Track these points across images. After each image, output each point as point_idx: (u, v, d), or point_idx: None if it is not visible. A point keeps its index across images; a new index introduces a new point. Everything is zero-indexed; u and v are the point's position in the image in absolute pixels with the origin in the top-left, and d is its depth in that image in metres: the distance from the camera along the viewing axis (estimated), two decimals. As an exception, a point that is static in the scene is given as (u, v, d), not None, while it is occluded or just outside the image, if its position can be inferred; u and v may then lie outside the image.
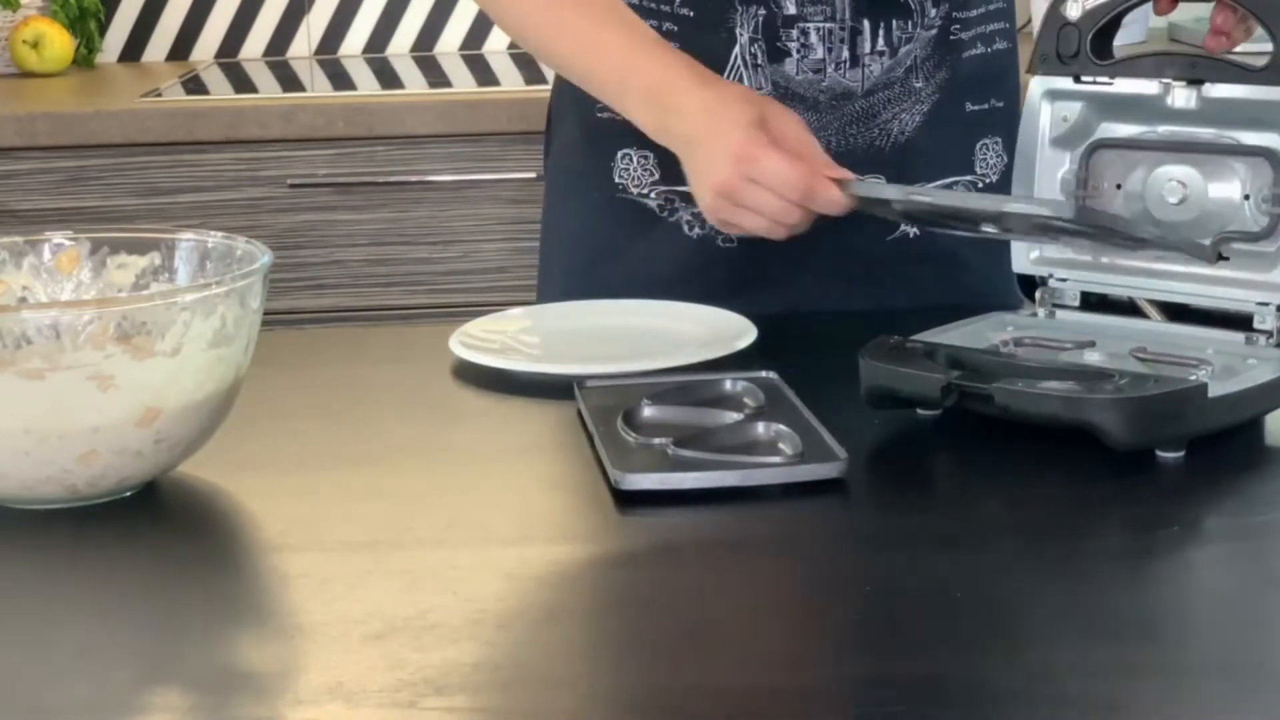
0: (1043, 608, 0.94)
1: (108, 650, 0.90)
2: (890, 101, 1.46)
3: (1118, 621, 0.90)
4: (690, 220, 1.49)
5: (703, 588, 0.96)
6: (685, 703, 0.84)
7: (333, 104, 2.56)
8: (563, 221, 1.57)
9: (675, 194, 1.48)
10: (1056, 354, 1.20)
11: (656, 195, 1.49)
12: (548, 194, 1.61)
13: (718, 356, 1.30)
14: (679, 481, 1.07)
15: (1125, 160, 1.27)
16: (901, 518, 1.06)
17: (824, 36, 1.43)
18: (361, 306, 2.58)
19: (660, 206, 1.49)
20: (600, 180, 1.52)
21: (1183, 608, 0.93)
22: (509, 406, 1.25)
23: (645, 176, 1.49)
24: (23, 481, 1.05)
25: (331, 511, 1.07)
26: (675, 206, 1.49)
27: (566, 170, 1.57)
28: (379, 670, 0.85)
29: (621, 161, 1.50)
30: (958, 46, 1.47)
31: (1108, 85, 1.27)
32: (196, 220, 2.50)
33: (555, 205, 1.59)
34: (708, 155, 1.30)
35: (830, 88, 1.44)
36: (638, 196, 1.50)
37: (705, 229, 1.48)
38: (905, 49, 1.45)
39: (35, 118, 2.52)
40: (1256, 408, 1.14)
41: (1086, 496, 1.06)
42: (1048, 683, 0.84)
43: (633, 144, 1.48)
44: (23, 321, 1.06)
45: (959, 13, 1.47)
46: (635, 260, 1.50)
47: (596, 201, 1.52)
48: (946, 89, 1.47)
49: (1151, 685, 0.84)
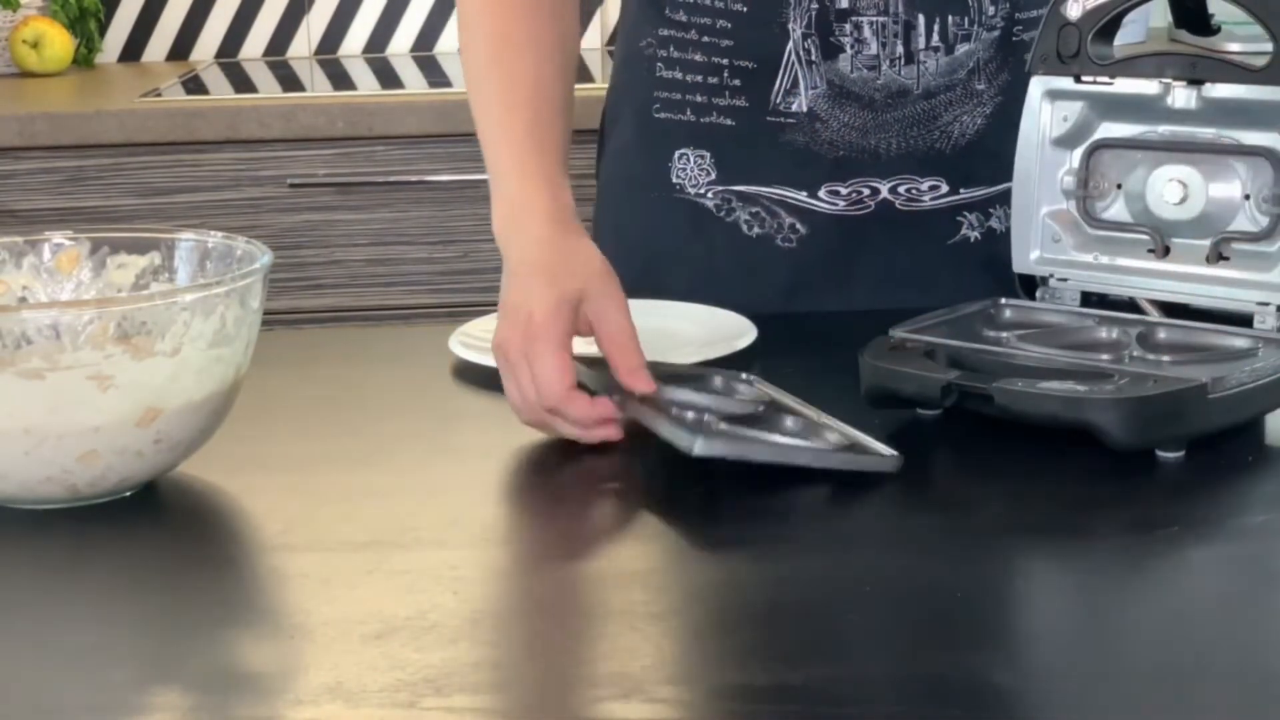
0: (1043, 608, 0.94)
1: (108, 650, 0.90)
2: (951, 104, 1.45)
3: (1118, 621, 0.90)
4: (748, 220, 1.48)
5: (703, 587, 0.96)
6: (687, 701, 0.83)
7: (333, 104, 2.56)
8: (619, 222, 1.57)
9: (732, 194, 1.48)
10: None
11: (714, 195, 1.49)
12: (601, 195, 1.60)
13: (718, 356, 1.30)
14: (753, 453, 1.07)
15: (1125, 160, 1.28)
16: (902, 518, 1.06)
17: (877, 31, 1.43)
18: (361, 306, 2.58)
19: (717, 206, 1.49)
20: (657, 180, 1.51)
21: (1183, 608, 0.93)
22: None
23: (702, 176, 1.49)
24: (23, 481, 1.05)
25: (331, 511, 1.07)
26: (733, 206, 1.48)
27: (622, 171, 1.56)
28: (379, 670, 0.85)
29: (679, 161, 1.50)
30: (1020, 48, 1.46)
31: (1108, 85, 1.27)
32: (196, 220, 2.50)
33: (610, 206, 1.58)
34: (514, 301, 1.21)
35: (885, 85, 1.44)
36: (695, 196, 1.50)
37: (764, 228, 1.48)
38: (965, 48, 1.44)
39: (35, 118, 2.52)
40: (1256, 408, 1.14)
41: (1086, 496, 1.06)
42: (1048, 683, 0.84)
43: (689, 144, 1.48)
44: (23, 321, 1.06)
45: (1020, 13, 1.46)
46: (693, 260, 1.50)
47: (654, 202, 1.52)
48: (1009, 92, 1.46)
49: (1151, 685, 0.84)
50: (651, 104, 1.49)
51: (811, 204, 1.46)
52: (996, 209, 1.49)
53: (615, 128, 1.57)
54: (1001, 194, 1.47)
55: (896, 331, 1.22)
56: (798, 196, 1.47)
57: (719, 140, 1.48)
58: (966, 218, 1.48)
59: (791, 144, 1.46)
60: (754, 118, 1.46)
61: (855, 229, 1.46)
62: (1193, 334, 1.21)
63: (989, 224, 1.49)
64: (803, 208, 1.46)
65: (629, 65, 1.54)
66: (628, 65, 1.54)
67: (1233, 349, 1.18)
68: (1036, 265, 1.30)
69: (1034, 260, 1.31)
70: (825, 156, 1.45)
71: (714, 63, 1.47)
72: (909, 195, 1.46)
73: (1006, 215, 1.51)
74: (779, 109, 1.44)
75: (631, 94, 1.51)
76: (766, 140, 1.46)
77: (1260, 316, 1.20)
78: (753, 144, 1.47)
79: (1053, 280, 1.30)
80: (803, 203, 1.46)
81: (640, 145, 1.53)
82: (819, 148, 1.45)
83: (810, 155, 1.45)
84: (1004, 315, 1.28)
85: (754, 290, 1.45)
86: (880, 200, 1.46)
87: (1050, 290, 1.30)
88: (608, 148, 1.59)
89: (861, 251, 1.44)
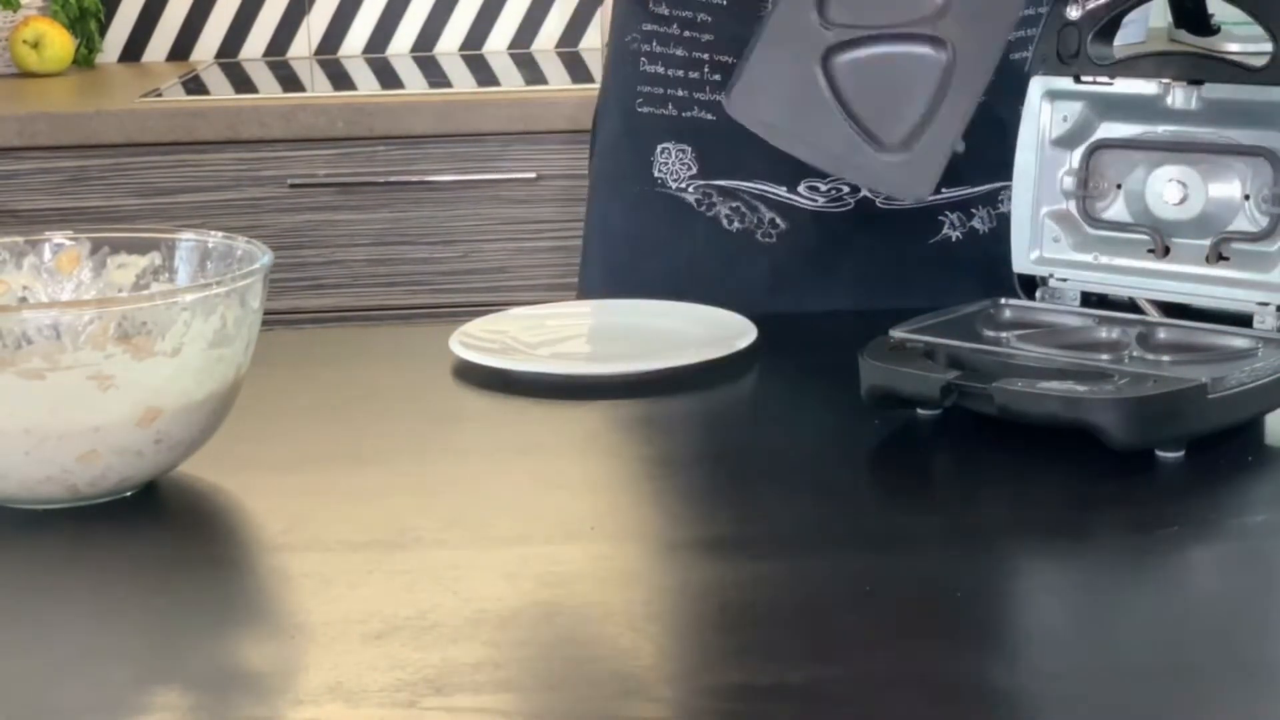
0: (1043, 608, 0.94)
1: (108, 650, 0.90)
2: None
3: (1118, 621, 0.90)
4: (729, 214, 1.48)
5: (703, 587, 0.96)
6: (686, 701, 0.84)
7: (333, 104, 2.56)
8: (604, 217, 1.57)
9: (713, 188, 1.48)
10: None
11: (695, 189, 1.49)
12: (591, 190, 1.61)
13: (718, 356, 1.30)
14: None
15: (1125, 160, 1.28)
16: (901, 518, 1.06)
17: None
18: (361, 306, 2.58)
19: (698, 200, 1.49)
20: (641, 175, 1.51)
21: (1183, 608, 0.93)
22: (509, 406, 1.25)
23: (684, 170, 1.49)
24: (23, 481, 1.05)
25: (331, 511, 1.07)
26: (713, 201, 1.48)
27: (609, 166, 1.57)
28: (379, 670, 0.85)
29: (661, 156, 1.50)
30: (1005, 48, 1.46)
31: (1108, 85, 1.27)
32: (197, 220, 2.50)
33: (598, 201, 1.59)
34: None
35: None
36: (676, 191, 1.50)
37: (744, 223, 1.48)
38: None
39: (36, 118, 2.52)
40: (1256, 408, 1.14)
41: (1086, 496, 1.06)
42: (1048, 683, 0.84)
43: (671, 138, 1.48)
44: (23, 321, 1.06)
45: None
46: (675, 255, 1.50)
47: (637, 196, 1.52)
48: (992, 91, 1.46)
49: (1151, 685, 0.84)
50: (635, 98, 1.50)
51: (791, 199, 1.46)
52: (979, 209, 1.49)
53: (604, 123, 1.58)
54: (984, 194, 1.47)
55: (896, 331, 1.22)
56: (777, 191, 1.46)
57: (700, 134, 1.48)
58: (948, 217, 1.48)
59: None
60: None
61: (835, 226, 1.46)
62: (1192, 334, 1.21)
63: (971, 224, 1.49)
64: (782, 203, 1.46)
65: (617, 61, 1.54)
66: (615, 61, 1.55)
67: (1232, 349, 1.18)
68: (1036, 265, 1.30)
69: (1034, 260, 1.31)
70: None
71: (694, 57, 1.47)
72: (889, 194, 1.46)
73: (989, 215, 1.51)
74: None
75: (618, 89, 1.51)
76: (746, 135, 1.46)
77: (1260, 316, 1.20)
78: (733, 138, 1.46)
79: (1052, 280, 1.30)
80: (782, 198, 1.46)
81: (625, 140, 1.53)
82: None
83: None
84: (1004, 315, 1.28)
85: (735, 285, 1.45)
86: (860, 198, 1.46)
87: (1050, 290, 1.30)
88: (597, 143, 1.59)
89: (842, 249, 1.44)
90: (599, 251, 1.58)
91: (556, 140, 2.53)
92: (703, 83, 1.46)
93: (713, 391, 1.28)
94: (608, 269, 1.56)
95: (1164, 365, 1.15)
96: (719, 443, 1.21)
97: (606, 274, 1.56)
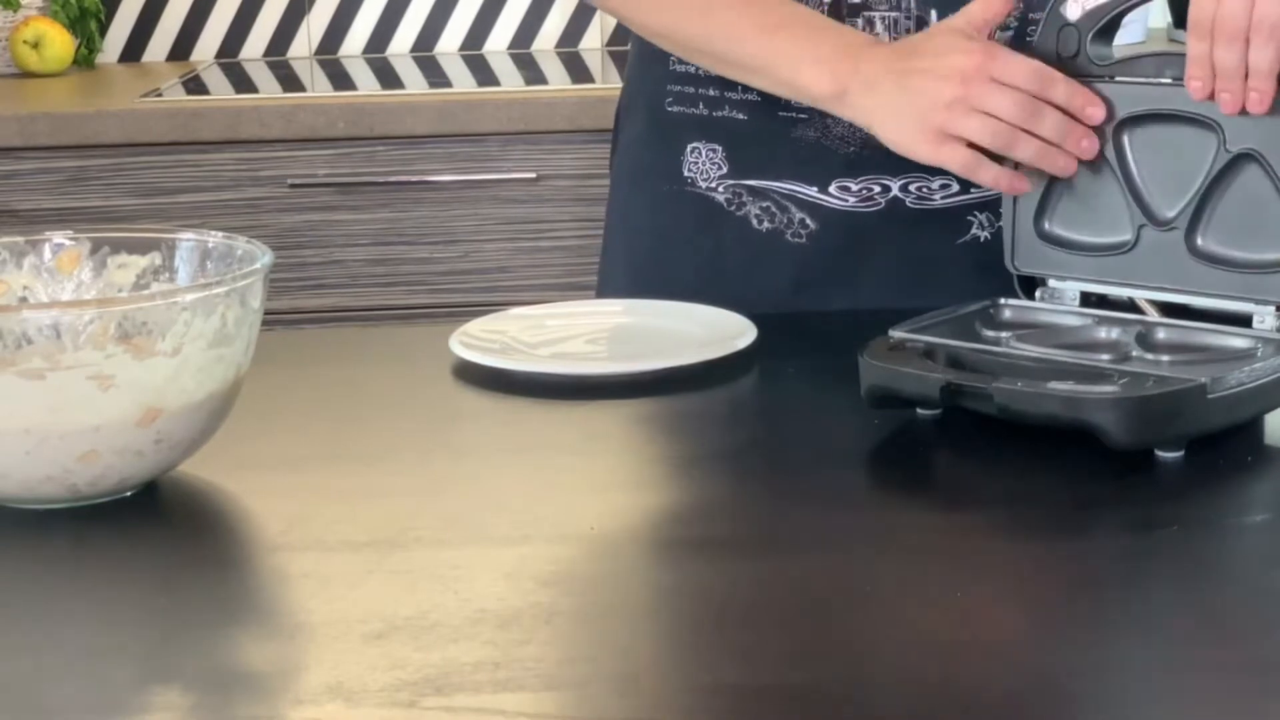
0: (1043, 608, 0.94)
1: (108, 650, 0.90)
2: None
3: (1117, 621, 0.90)
4: (759, 214, 1.48)
5: (703, 587, 0.96)
6: (686, 701, 0.84)
7: (333, 104, 2.56)
8: (629, 215, 1.57)
9: (743, 188, 1.48)
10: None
11: (725, 189, 1.49)
12: (614, 188, 1.60)
13: (718, 356, 1.30)
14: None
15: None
16: (902, 518, 1.06)
17: (889, 26, 1.42)
18: (361, 306, 2.58)
19: (728, 200, 1.49)
20: (669, 173, 1.51)
21: (1183, 608, 0.93)
22: (509, 406, 1.25)
23: (714, 170, 1.49)
24: (23, 481, 1.05)
25: (331, 511, 1.07)
26: (743, 200, 1.48)
27: (635, 164, 1.56)
28: (379, 670, 0.85)
29: (690, 155, 1.50)
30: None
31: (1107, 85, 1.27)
32: (197, 220, 2.50)
33: (622, 199, 1.58)
34: (925, 66, 1.29)
35: None
36: (706, 190, 1.50)
37: (774, 223, 1.48)
38: None
39: (36, 118, 2.52)
40: (1256, 408, 1.14)
41: (1086, 496, 1.06)
42: (1048, 683, 0.84)
43: (701, 137, 1.48)
44: (23, 321, 1.06)
45: (1034, 13, 1.44)
46: (702, 254, 1.50)
47: (665, 195, 1.52)
48: None
49: (1151, 685, 0.84)
50: (665, 97, 1.50)
51: (822, 199, 1.46)
52: None
53: (628, 121, 1.57)
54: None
55: (896, 331, 1.22)
56: (808, 192, 1.46)
57: (731, 134, 1.48)
58: (977, 217, 1.48)
59: (803, 139, 1.46)
60: (766, 112, 1.46)
61: (865, 226, 1.46)
62: (1192, 334, 1.21)
63: (999, 224, 1.49)
64: (813, 203, 1.46)
65: (643, 59, 1.54)
66: (642, 59, 1.54)
67: (1232, 349, 1.18)
68: (1035, 266, 1.30)
69: (1033, 261, 1.30)
70: (837, 152, 1.45)
71: None
72: (919, 194, 1.46)
73: None
74: (791, 104, 1.44)
75: (645, 88, 1.51)
76: (778, 135, 1.46)
77: (1260, 316, 1.20)
78: (765, 139, 1.47)
79: (1052, 280, 1.30)
80: (813, 198, 1.46)
81: (652, 138, 1.53)
82: (830, 143, 1.45)
83: (822, 151, 1.45)
84: (1003, 315, 1.28)
85: (761, 285, 1.45)
86: (891, 198, 1.46)
87: (1050, 290, 1.30)
88: (620, 141, 1.59)
89: (871, 249, 1.44)
90: (623, 250, 1.57)
91: (556, 140, 2.53)
92: (734, 82, 1.46)
93: (713, 391, 1.28)
94: (631, 265, 1.56)
95: (1164, 365, 1.15)
96: (719, 443, 1.21)
97: (631, 272, 1.55)
